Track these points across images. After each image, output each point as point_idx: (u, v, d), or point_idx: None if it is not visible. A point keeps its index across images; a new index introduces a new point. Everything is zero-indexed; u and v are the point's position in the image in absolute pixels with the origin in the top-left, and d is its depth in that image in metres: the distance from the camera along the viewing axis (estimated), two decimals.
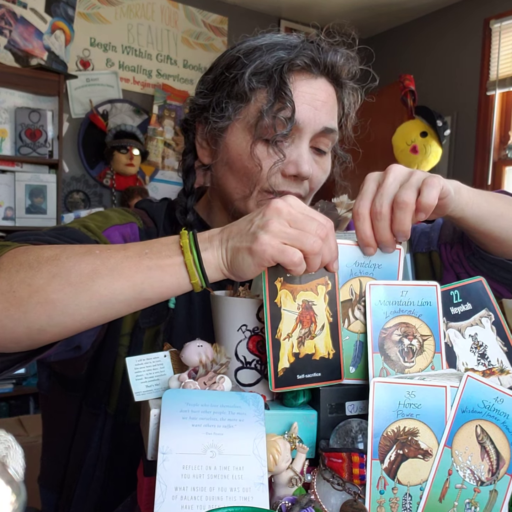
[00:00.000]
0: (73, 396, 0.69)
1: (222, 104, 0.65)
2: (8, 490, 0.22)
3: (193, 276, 0.48)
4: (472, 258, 0.69)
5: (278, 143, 0.63)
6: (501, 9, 2.78)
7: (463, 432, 0.46)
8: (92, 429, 0.67)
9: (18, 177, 2.45)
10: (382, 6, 3.10)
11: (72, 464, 0.69)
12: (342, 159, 0.74)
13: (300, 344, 0.49)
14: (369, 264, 0.53)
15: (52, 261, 0.48)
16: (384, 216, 0.51)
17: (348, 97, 0.70)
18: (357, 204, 0.52)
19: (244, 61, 0.63)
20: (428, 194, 0.50)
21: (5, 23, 2.52)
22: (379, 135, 2.88)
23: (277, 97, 0.62)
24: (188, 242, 0.49)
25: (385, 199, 0.51)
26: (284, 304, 0.49)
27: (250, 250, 0.46)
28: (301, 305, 0.50)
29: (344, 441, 0.47)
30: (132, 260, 0.48)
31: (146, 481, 0.46)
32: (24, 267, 0.47)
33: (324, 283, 0.51)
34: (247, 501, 0.41)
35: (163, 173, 3.02)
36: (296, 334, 0.49)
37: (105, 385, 0.66)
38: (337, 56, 0.65)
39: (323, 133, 0.66)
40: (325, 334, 0.50)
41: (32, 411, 2.44)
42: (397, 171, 0.52)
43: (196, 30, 3.11)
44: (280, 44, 0.64)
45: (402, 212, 0.50)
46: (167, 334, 0.67)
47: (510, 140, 2.81)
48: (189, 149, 0.72)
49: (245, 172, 0.65)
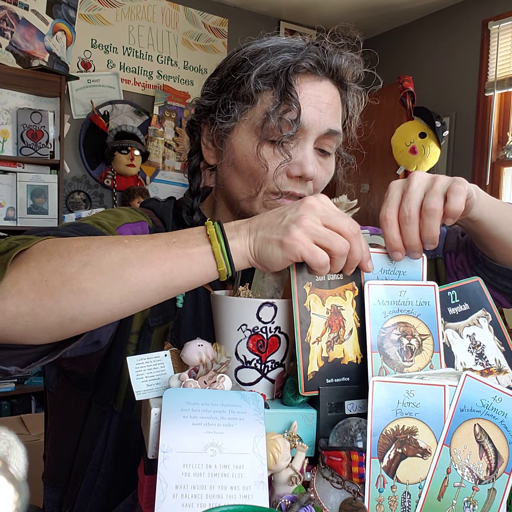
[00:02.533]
0: (83, 394, 0.69)
1: (228, 106, 0.65)
2: (10, 489, 0.22)
3: (220, 263, 0.49)
4: (475, 267, 0.70)
5: (284, 144, 0.64)
6: (499, 11, 2.78)
7: (462, 431, 0.46)
8: (99, 426, 0.67)
9: (19, 178, 2.46)
10: (381, 7, 3.11)
11: (78, 461, 0.69)
12: (346, 161, 0.75)
13: (329, 348, 0.50)
14: (394, 271, 0.54)
15: (82, 250, 0.48)
16: (413, 220, 0.52)
17: (352, 100, 0.71)
18: (384, 210, 0.53)
19: (250, 63, 0.64)
20: (456, 201, 0.51)
21: (6, 25, 2.52)
22: (378, 136, 2.89)
23: (283, 99, 0.62)
24: (215, 231, 0.50)
25: (412, 204, 0.52)
26: (313, 308, 0.50)
27: (281, 243, 0.47)
28: (330, 310, 0.51)
29: (344, 440, 0.47)
30: (161, 249, 0.49)
31: (146, 479, 0.46)
32: (54, 256, 0.47)
33: (352, 288, 0.52)
34: (247, 499, 0.41)
35: (164, 173, 3.03)
36: (325, 338, 0.50)
37: (113, 383, 0.67)
38: (342, 59, 0.66)
39: (327, 135, 0.66)
40: (353, 339, 0.51)
41: (33, 410, 2.44)
42: (420, 177, 0.54)
43: (197, 31, 3.11)
44: (285, 46, 0.65)
45: (431, 219, 0.51)
46: (175, 334, 0.67)
47: (508, 141, 2.81)
48: (195, 150, 0.72)
49: (251, 173, 0.65)
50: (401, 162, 2.80)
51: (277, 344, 0.52)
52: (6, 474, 0.22)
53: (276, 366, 0.53)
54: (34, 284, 0.46)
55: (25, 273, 0.47)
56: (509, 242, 0.63)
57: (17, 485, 0.22)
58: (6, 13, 2.52)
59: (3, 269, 0.46)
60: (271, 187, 0.65)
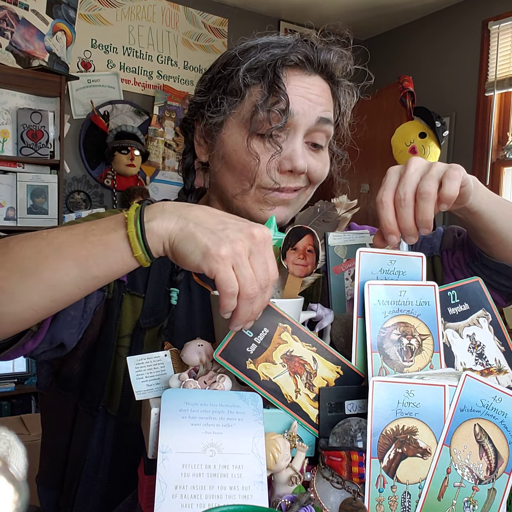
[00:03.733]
0: (67, 396, 0.69)
1: (217, 100, 0.65)
2: (10, 489, 0.22)
3: (135, 249, 0.45)
4: (471, 265, 0.70)
5: (273, 137, 0.63)
6: (499, 11, 2.78)
7: (462, 431, 0.46)
8: (89, 430, 0.67)
9: (19, 178, 2.45)
10: (381, 8, 3.11)
11: (71, 464, 0.69)
12: (340, 157, 0.75)
13: (311, 387, 0.49)
14: (393, 271, 0.54)
15: (0, 248, 0.47)
16: (407, 202, 0.51)
17: (344, 96, 0.70)
18: (381, 193, 0.53)
19: (239, 59, 0.64)
20: (450, 185, 0.51)
21: (6, 25, 2.52)
22: (378, 136, 2.89)
23: (271, 91, 0.62)
24: (134, 213, 0.46)
25: (408, 187, 0.52)
26: (271, 374, 0.47)
27: (206, 250, 0.43)
28: (283, 361, 0.48)
29: (344, 440, 0.47)
30: (77, 238, 0.47)
31: (146, 479, 0.46)
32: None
33: (284, 329, 0.49)
34: (246, 499, 0.41)
35: (164, 173, 3.03)
36: (301, 384, 0.48)
37: (102, 386, 0.66)
38: (331, 54, 0.66)
39: (318, 125, 0.66)
40: (322, 362, 0.49)
41: (33, 410, 2.45)
42: (417, 163, 0.54)
43: (197, 31, 3.11)
44: (274, 42, 0.65)
45: (425, 202, 0.51)
46: (170, 332, 0.67)
47: (508, 141, 2.81)
48: (189, 148, 0.73)
49: (242, 167, 0.65)
50: (401, 162, 2.80)
51: None
52: (6, 474, 0.22)
53: None
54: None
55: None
56: (506, 236, 0.63)
57: (17, 485, 0.22)
58: (6, 13, 2.52)
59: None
60: (263, 182, 0.65)
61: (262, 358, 0.48)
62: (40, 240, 0.47)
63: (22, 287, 0.46)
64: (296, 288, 0.56)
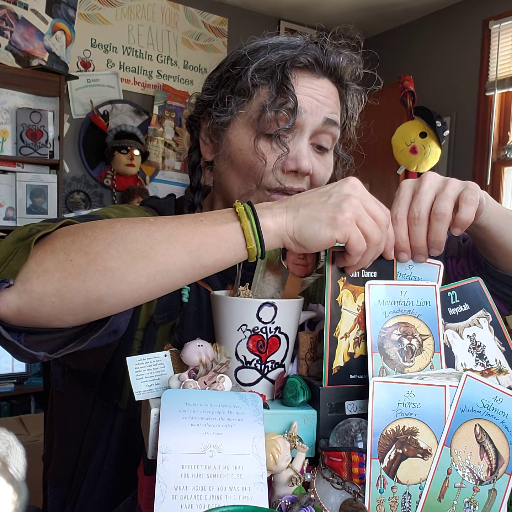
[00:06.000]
0: (90, 392, 0.69)
1: (225, 99, 0.65)
2: (9, 489, 0.22)
3: (249, 241, 0.48)
4: (476, 273, 0.70)
5: (281, 137, 0.63)
6: (500, 10, 2.77)
7: (462, 431, 0.46)
8: (103, 423, 0.67)
9: (19, 177, 2.45)
10: (381, 7, 3.10)
11: (81, 459, 0.69)
12: (345, 161, 0.74)
13: (356, 344, 0.50)
14: (410, 276, 0.54)
15: (107, 229, 0.47)
16: (421, 221, 0.52)
17: (352, 99, 0.70)
18: (395, 209, 0.53)
19: (248, 58, 0.64)
20: (467, 211, 0.51)
21: (6, 24, 2.52)
22: (378, 136, 2.88)
23: (280, 91, 0.62)
24: (244, 209, 0.48)
25: (422, 206, 0.52)
26: (345, 303, 0.50)
27: (333, 220, 0.47)
28: (361, 307, 0.51)
29: (344, 440, 0.47)
30: (187, 227, 0.48)
31: (146, 480, 0.46)
32: (79, 237, 0.47)
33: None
34: (246, 500, 0.41)
35: (164, 173, 3.03)
36: (353, 334, 0.50)
37: (118, 379, 0.66)
38: (340, 57, 0.66)
39: (324, 126, 0.66)
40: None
41: (33, 411, 2.44)
42: (432, 179, 0.54)
43: (197, 31, 3.11)
44: (284, 43, 0.65)
45: (440, 223, 0.51)
46: (181, 330, 0.67)
47: (509, 140, 2.81)
48: (194, 146, 0.72)
49: (247, 168, 0.65)
50: (402, 162, 2.80)
51: (277, 344, 0.52)
52: (6, 475, 0.22)
53: (276, 366, 0.53)
54: (60, 264, 0.45)
55: (50, 254, 0.46)
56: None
57: (16, 486, 0.22)
58: (5, 12, 2.51)
59: (27, 250, 0.46)
60: (266, 183, 0.65)
61: (352, 288, 0.51)
62: (148, 225, 0.48)
63: (132, 269, 0.46)
64: (296, 288, 0.56)
